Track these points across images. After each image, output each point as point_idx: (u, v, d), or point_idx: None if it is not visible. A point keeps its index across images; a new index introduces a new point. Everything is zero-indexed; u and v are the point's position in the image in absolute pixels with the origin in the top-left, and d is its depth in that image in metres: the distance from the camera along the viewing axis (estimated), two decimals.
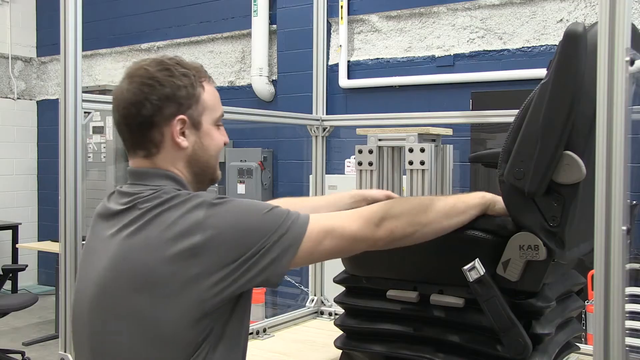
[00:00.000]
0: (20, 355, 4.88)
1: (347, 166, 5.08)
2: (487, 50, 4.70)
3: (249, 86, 5.84)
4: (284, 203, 1.42)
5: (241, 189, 5.76)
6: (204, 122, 1.30)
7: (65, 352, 1.78)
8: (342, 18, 5.24)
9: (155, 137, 1.26)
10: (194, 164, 1.30)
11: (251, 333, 2.34)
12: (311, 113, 2.83)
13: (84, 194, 1.78)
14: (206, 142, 1.30)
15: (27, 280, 7.30)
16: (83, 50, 1.77)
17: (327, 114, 2.84)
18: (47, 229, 7.47)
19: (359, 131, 2.66)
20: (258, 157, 5.71)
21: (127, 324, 1.17)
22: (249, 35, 5.82)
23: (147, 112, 1.23)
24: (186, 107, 1.26)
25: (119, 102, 1.26)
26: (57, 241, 2.08)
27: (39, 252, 7.37)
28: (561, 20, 4.41)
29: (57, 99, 1.53)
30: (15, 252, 6.70)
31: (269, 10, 5.66)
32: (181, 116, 1.25)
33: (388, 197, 1.69)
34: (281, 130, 5.58)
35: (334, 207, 1.64)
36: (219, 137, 1.34)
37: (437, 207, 1.35)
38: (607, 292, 1.19)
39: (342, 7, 5.22)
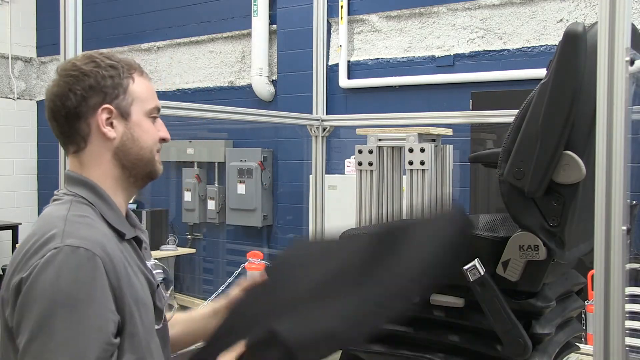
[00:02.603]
0: None
1: (347, 166, 5.07)
2: (487, 50, 4.69)
3: (249, 86, 5.83)
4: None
5: (241, 189, 5.76)
6: (133, 112, 1.27)
7: None
8: (342, 18, 5.24)
9: (82, 129, 1.25)
10: (122, 156, 1.27)
11: None
12: (311, 113, 2.83)
13: None
14: (136, 133, 1.28)
15: None
16: (83, 50, 1.78)
17: (327, 114, 2.85)
18: None
19: (359, 131, 2.66)
20: (258, 157, 5.71)
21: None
22: (249, 35, 5.82)
23: (72, 104, 1.23)
24: (113, 97, 1.25)
25: (47, 96, 1.26)
26: None
27: None
28: (561, 20, 4.40)
29: None
30: None
31: (269, 10, 5.65)
32: (106, 105, 1.24)
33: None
34: (281, 130, 5.57)
35: (188, 322, 1.52)
36: (153, 130, 1.31)
37: None
38: (607, 292, 1.20)
39: (342, 7, 5.22)
